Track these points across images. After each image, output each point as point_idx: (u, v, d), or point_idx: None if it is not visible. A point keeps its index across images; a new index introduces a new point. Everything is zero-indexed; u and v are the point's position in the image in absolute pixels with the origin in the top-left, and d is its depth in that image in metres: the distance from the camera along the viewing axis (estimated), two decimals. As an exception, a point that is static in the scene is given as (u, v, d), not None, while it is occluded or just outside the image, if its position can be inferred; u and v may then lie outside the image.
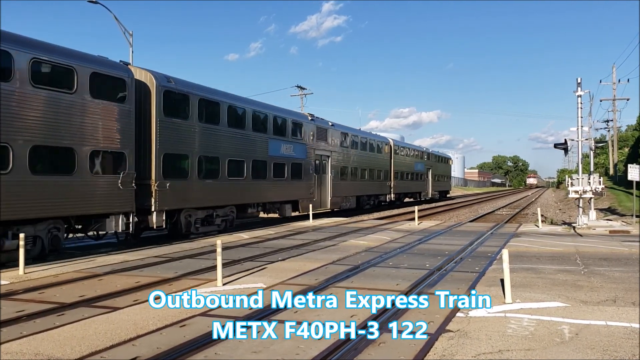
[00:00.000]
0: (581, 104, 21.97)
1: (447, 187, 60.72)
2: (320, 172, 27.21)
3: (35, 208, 12.21)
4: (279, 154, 22.69)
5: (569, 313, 7.74)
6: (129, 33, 29.45)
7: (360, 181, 33.04)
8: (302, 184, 24.88)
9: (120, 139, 14.31)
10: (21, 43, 12.08)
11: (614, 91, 60.14)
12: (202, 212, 18.20)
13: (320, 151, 27.15)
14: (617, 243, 16.19)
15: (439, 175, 54.53)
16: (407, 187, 43.60)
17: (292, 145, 23.86)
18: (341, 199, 29.73)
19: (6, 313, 7.79)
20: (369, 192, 34.85)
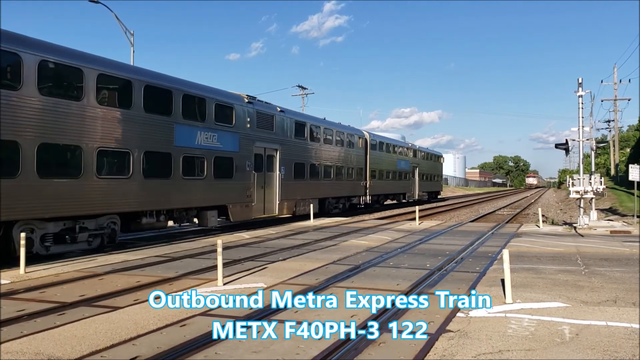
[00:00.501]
0: (582, 104, 21.96)
1: (437, 187, 55.24)
2: (264, 169, 21.48)
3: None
4: (193, 144, 17.27)
5: (570, 313, 7.73)
6: (130, 33, 29.48)
7: (325, 181, 27.57)
8: (234, 184, 19.34)
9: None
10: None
11: (616, 91, 60.14)
12: (55, 224, 13.04)
13: (263, 143, 21.42)
14: (618, 243, 16.18)
15: (427, 174, 49.47)
16: (388, 187, 38.42)
17: (216, 133, 18.29)
18: (294, 202, 24.00)
19: (7, 312, 7.80)
20: (336, 194, 29.40)
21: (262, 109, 21.56)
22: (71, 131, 13.03)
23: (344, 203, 30.99)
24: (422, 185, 47.30)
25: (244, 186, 19.99)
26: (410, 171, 43.78)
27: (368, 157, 34.03)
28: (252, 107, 20.77)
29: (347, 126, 32.26)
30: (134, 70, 16.27)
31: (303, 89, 54.96)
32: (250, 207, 20.30)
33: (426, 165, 49.01)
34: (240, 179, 19.72)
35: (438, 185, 55.51)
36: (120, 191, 14.61)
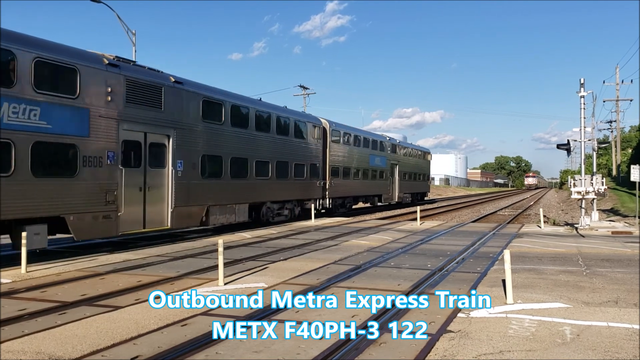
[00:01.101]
0: (584, 105, 21.94)
1: (423, 188, 48.27)
2: (144, 163, 15.42)
3: None
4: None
5: (571, 314, 7.72)
6: (132, 32, 29.49)
7: (260, 180, 21.23)
8: (78, 185, 13.13)
9: None
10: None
11: (618, 92, 60.04)
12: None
13: (141, 126, 15.18)
14: (619, 244, 16.16)
15: (410, 173, 43.50)
16: (357, 188, 32.27)
17: (38, 107, 12.10)
18: (203, 209, 17.81)
19: (8, 312, 7.81)
20: (279, 197, 22.95)
21: (138, 77, 15.12)
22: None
23: (292, 208, 24.27)
24: (404, 185, 41.63)
25: (100, 188, 13.71)
26: (388, 169, 37.80)
27: (328, 151, 27.89)
28: (118, 72, 14.36)
29: (297, 111, 26.06)
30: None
31: (305, 88, 54.96)
32: (113, 218, 14.05)
33: (409, 162, 43.54)
34: (93, 178, 13.48)
35: (424, 186, 48.74)
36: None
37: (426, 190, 49.89)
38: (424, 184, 48.74)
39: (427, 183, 49.78)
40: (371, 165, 34.47)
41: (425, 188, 49.14)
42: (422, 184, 47.97)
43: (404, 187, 41.73)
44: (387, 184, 37.77)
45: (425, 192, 50.01)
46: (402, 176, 41.06)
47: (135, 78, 15.02)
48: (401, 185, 40.76)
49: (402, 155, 41.40)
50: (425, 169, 48.68)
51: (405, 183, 41.89)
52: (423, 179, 47.92)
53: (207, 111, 18.14)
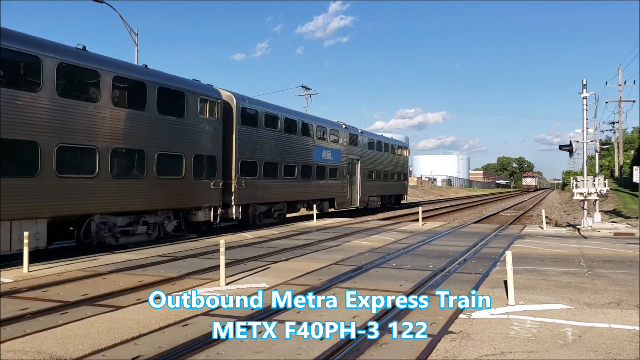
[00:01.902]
0: (586, 106, 21.91)
1: (398, 189, 40.45)
2: None
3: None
4: None
5: (573, 315, 7.71)
6: (135, 32, 29.51)
7: (86, 179, 13.61)
8: None
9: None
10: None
11: (620, 93, 59.95)
12: None
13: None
14: (621, 245, 16.12)
15: (380, 171, 35.70)
16: (290, 190, 24.19)
17: None
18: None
19: (10, 311, 7.82)
20: (130, 206, 15.20)
21: None
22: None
23: (160, 223, 16.59)
24: (370, 186, 33.83)
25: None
26: (345, 166, 29.90)
27: (235, 137, 20.02)
28: None
29: (176, 77, 17.30)
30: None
31: (307, 89, 55.01)
32: None
33: (378, 158, 35.51)
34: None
35: (399, 187, 40.89)
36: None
37: (402, 192, 42.13)
38: (399, 185, 40.82)
39: (403, 184, 42.05)
40: (316, 161, 26.38)
41: (400, 189, 41.43)
42: (397, 185, 40.10)
43: (370, 189, 33.91)
44: (342, 185, 29.39)
45: (402, 195, 42.27)
46: (367, 175, 33.19)
47: None
48: (365, 186, 32.80)
49: (366, 149, 33.30)
50: (401, 167, 41.10)
51: (371, 184, 33.93)
52: (398, 179, 40.10)
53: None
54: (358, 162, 31.94)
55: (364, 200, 32.93)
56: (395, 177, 39.69)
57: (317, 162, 26.58)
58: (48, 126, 12.58)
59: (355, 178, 31.84)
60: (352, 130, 31.63)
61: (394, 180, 39.42)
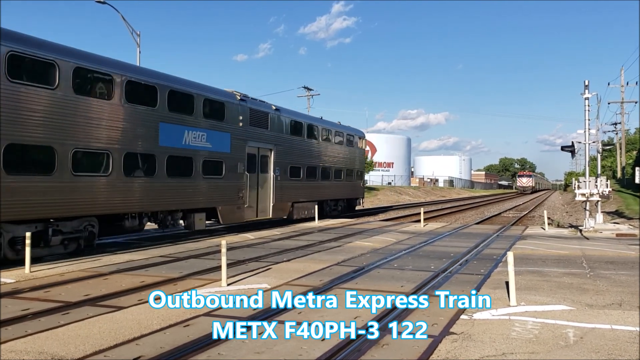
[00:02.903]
0: (589, 107, 21.87)
1: (347, 191, 30.11)
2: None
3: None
4: None
5: (574, 316, 7.70)
6: (137, 33, 29.57)
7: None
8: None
9: None
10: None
11: (622, 94, 59.93)
12: None
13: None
14: (623, 246, 16.09)
15: (315, 167, 25.79)
16: (123, 195, 14.58)
17: None
18: None
19: (11, 311, 7.83)
20: None
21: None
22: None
23: None
24: (296, 188, 23.95)
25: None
26: (243, 158, 19.92)
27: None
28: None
29: None
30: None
31: (308, 90, 55.06)
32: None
33: (310, 149, 25.57)
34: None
35: (350, 189, 30.37)
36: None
37: (356, 195, 31.47)
38: (350, 186, 30.41)
39: (356, 184, 31.26)
40: (175, 148, 16.54)
41: (352, 192, 30.87)
42: (346, 186, 29.78)
43: (297, 192, 24.03)
44: (233, 187, 19.30)
45: (355, 199, 31.56)
46: (290, 172, 23.44)
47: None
48: (287, 188, 23.00)
49: (287, 135, 23.32)
50: (352, 162, 30.42)
51: (298, 185, 24.16)
52: (348, 178, 29.77)
53: None
54: (271, 152, 21.77)
55: (283, 208, 22.96)
56: (344, 175, 29.25)
57: (178, 151, 16.54)
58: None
59: (267, 177, 21.67)
60: (255, 104, 21.02)
61: (341, 179, 28.95)
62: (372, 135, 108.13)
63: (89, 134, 13.53)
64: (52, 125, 12.57)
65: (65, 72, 12.84)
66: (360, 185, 32.13)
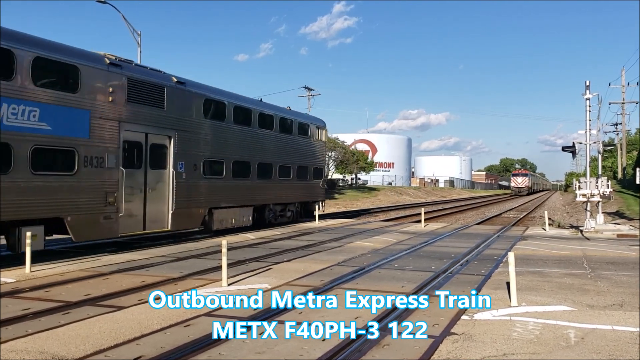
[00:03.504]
0: (590, 107, 21.88)
1: (302, 193, 24.89)
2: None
3: None
4: None
5: (575, 317, 7.69)
6: (137, 33, 29.57)
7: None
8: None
9: None
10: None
11: (623, 94, 59.88)
12: None
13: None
14: (624, 247, 16.08)
15: (247, 162, 20.31)
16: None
17: None
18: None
19: (12, 311, 7.83)
20: None
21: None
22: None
23: None
24: (215, 189, 18.43)
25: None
26: (110, 149, 13.91)
27: None
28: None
29: None
30: None
31: (309, 90, 55.08)
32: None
33: (240, 137, 19.96)
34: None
35: (306, 189, 25.11)
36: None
37: (314, 197, 26.00)
38: (306, 187, 25.09)
39: (314, 184, 25.87)
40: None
41: (310, 193, 25.57)
42: (300, 187, 24.42)
43: (216, 195, 18.38)
44: (100, 189, 13.74)
45: (315, 201, 25.94)
46: (205, 168, 17.85)
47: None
48: (196, 189, 17.37)
49: (203, 119, 17.82)
50: (309, 157, 25.27)
51: (217, 185, 18.49)
52: (302, 176, 24.50)
53: None
54: (170, 141, 16.20)
55: (192, 216, 17.22)
56: (294, 173, 23.69)
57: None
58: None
59: (163, 175, 16.01)
60: (140, 73, 15.24)
61: (290, 178, 23.36)
62: (372, 135, 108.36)
63: None
64: None
65: None
66: (320, 186, 26.46)
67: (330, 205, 43.65)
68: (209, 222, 18.19)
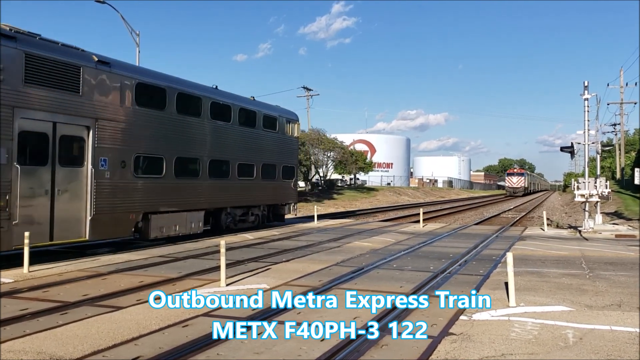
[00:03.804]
0: (588, 107, 21.90)
1: (272, 195, 22.17)
2: None
3: None
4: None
5: (574, 317, 7.69)
6: (136, 33, 29.55)
7: None
8: None
9: None
10: None
11: (622, 94, 59.97)
12: None
13: None
14: (623, 247, 16.09)
15: (203, 159, 17.80)
16: None
17: None
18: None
19: (10, 311, 7.81)
20: None
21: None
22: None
23: None
24: (153, 191, 15.68)
25: None
26: (4, 138, 11.38)
27: None
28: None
29: None
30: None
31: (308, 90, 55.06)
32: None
33: (186, 130, 17.18)
34: None
35: (277, 191, 22.48)
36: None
37: (284, 199, 23.04)
38: (275, 188, 22.26)
39: (286, 185, 23.08)
40: None
41: (279, 195, 22.67)
42: (267, 188, 21.60)
43: (152, 197, 15.72)
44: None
45: (284, 204, 23.06)
46: (137, 165, 15.21)
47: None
48: (124, 190, 14.62)
49: (135, 107, 15.10)
50: (277, 154, 22.32)
51: (154, 186, 15.88)
52: (269, 176, 21.71)
53: None
54: (89, 133, 13.59)
55: (119, 222, 14.50)
56: (259, 172, 20.76)
57: None
58: None
59: (78, 173, 13.39)
60: (43, 49, 12.53)
61: (253, 178, 20.53)
62: (371, 135, 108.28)
63: None
64: None
65: None
66: (292, 187, 23.32)
67: (329, 206, 43.64)
68: (145, 230, 15.41)
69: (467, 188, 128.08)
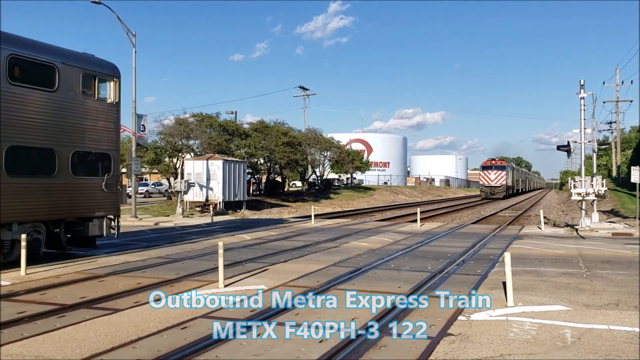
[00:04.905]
0: (584, 106, 21.94)
1: (67, 204, 12.79)
2: None
3: None
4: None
5: (571, 317, 7.70)
6: (132, 33, 29.46)
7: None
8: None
9: None
10: None
11: (618, 93, 60.06)
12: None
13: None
14: (619, 246, 16.13)
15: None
16: None
17: None
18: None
19: (7, 314, 7.78)
20: None
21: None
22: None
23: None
24: None
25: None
26: None
27: None
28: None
29: None
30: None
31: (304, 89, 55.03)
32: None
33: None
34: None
35: (64, 197, 12.76)
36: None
37: (92, 209, 13.71)
38: (68, 189, 12.96)
39: (93, 182, 13.70)
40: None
41: (80, 203, 13.40)
42: (49, 190, 12.44)
43: None
44: None
45: (89, 219, 13.67)
46: None
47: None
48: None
49: None
50: (75, 132, 13.14)
51: None
52: (50, 171, 12.48)
53: None
54: None
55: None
56: (16, 164, 11.70)
57: None
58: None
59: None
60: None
61: (20, 175, 11.87)
62: (368, 134, 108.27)
63: None
64: None
65: None
66: (103, 188, 13.86)
67: (326, 205, 43.62)
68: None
69: (464, 187, 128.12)
